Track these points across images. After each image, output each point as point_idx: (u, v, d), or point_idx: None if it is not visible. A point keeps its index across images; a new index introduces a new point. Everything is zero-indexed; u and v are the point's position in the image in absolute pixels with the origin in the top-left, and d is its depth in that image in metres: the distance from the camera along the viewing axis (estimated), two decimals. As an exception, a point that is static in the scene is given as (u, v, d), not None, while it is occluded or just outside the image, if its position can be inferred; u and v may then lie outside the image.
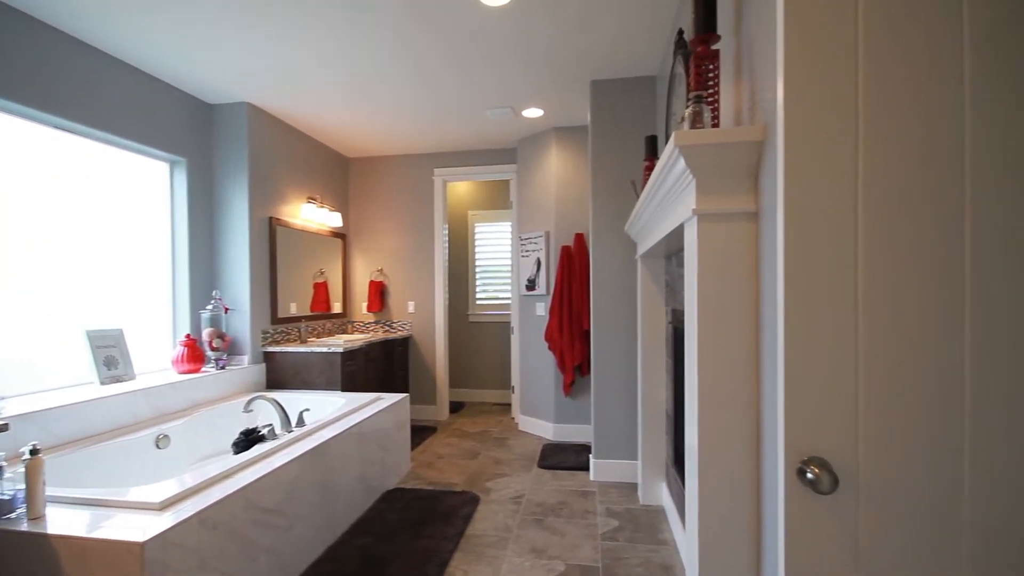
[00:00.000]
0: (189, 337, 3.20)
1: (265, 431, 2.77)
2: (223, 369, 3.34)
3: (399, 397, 3.43)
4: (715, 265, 1.34)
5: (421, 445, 4.10)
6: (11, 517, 1.61)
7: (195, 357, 3.18)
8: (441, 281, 4.85)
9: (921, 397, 0.88)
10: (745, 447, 1.32)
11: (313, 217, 4.25)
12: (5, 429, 1.78)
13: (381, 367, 4.29)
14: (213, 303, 3.37)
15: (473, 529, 2.64)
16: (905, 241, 0.88)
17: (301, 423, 2.89)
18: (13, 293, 2.44)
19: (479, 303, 5.71)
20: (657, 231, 2.11)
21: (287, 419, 2.77)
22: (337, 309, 4.76)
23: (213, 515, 1.72)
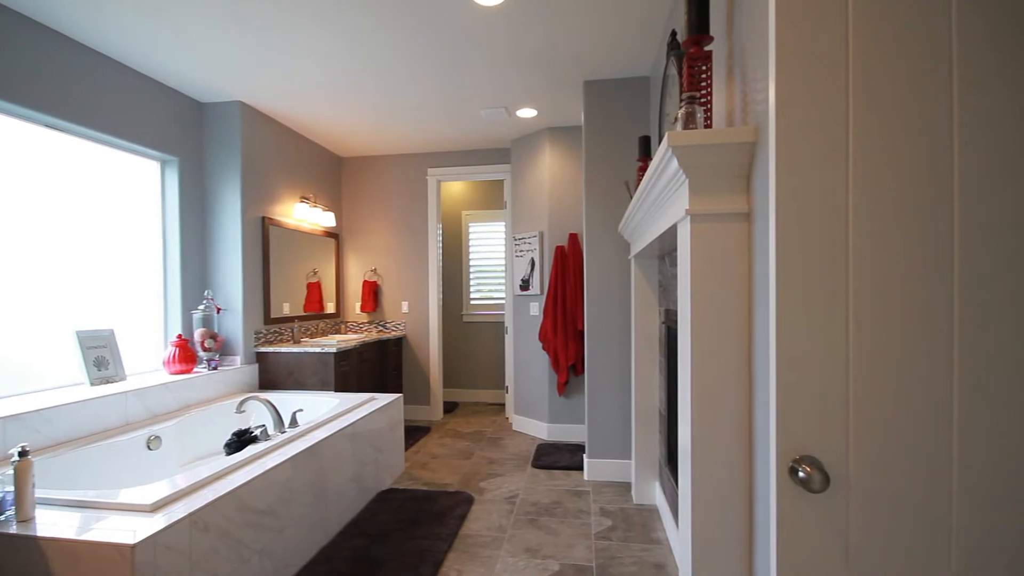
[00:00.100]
0: (181, 337, 3.18)
1: (258, 432, 2.76)
2: (215, 370, 3.32)
3: (393, 397, 3.43)
4: (708, 265, 1.35)
5: (415, 445, 4.09)
6: (0, 520, 1.59)
7: (187, 358, 3.15)
8: (435, 281, 4.85)
9: (911, 397, 0.89)
10: (738, 446, 1.33)
11: (306, 217, 4.23)
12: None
13: (375, 367, 4.28)
14: (205, 303, 3.35)
15: (467, 529, 2.64)
16: (895, 242, 0.89)
17: (294, 424, 2.88)
18: (1, 293, 2.41)
19: (473, 303, 5.71)
20: (650, 231, 2.12)
21: (280, 420, 2.76)
22: (330, 309, 4.74)
23: (205, 517, 1.70)
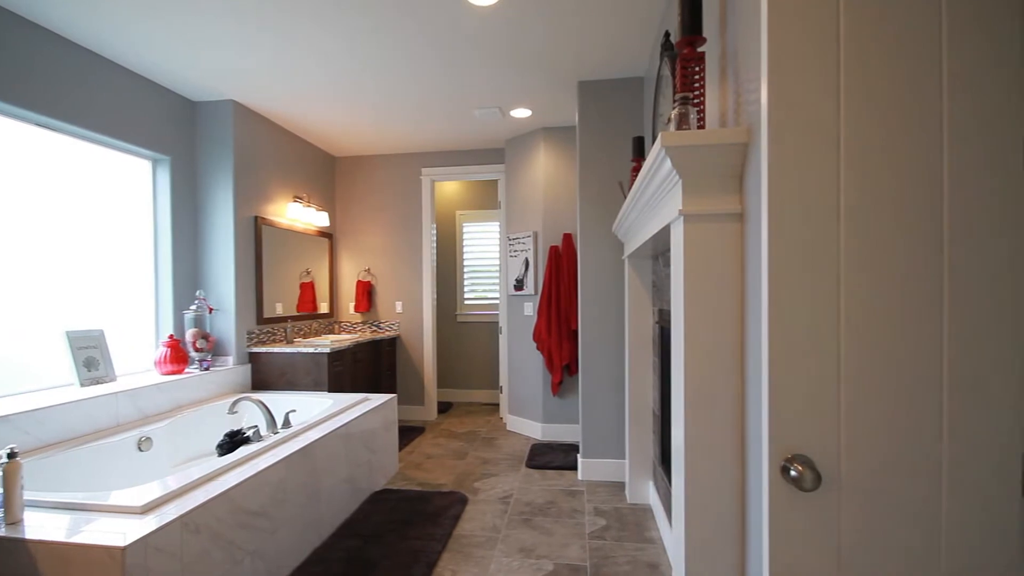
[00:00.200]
0: (172, 338, 3.16)
1: (250, 433, 2.74)
2: (207, 370, 3.30)
3: (387, 398, 3.42)
4: (701, 265, 1.35)
5: (409, 446, 4.08)
6: (-13, 522, 1.57)
7: (178, 358, 3.13)
8: (429, 281, 4.84)
9: (902, 396, 0.90)
10: (730, 445, 1.34)
11: (299, 216, 4.22)
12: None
13: (369, 368, 4.27)
14: (197, 303, 3.33)
15: (461, 529, 2.63)
16: (887, 242, 0.90)
17: (287, 424, 2.87)
18: (-11, 293, 2.38)
19: (467, 303, 5.70)
20: (644, 231, 2.12)
21: (273, 420, 2.74)
22: (324, 309, 4.72)
23: (196, 518, 1.69)
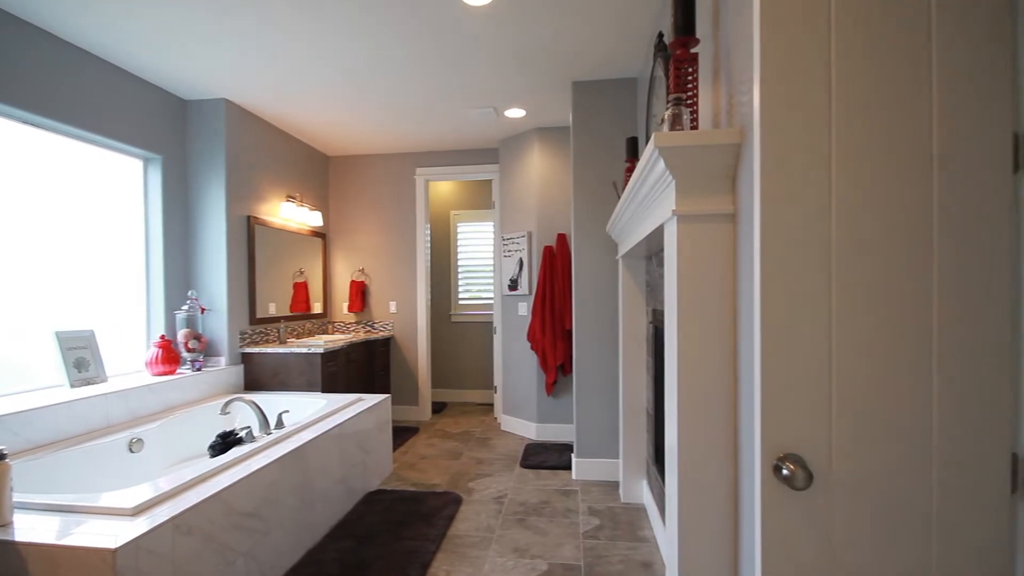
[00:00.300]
0: (164, 338, 3.13)
1: (243, 434, 2.72)
2: (199, 371, 3.28)
3: (381, 398, 3.41)
4: (694, 265, 1.36)
5: (403, 446, 4.07)
6: (-25, 525, 1.55)
7: (170, 359, 3.11)
8: (423, 281, 4.83)
9: (893, 395, 0.91)
10: (723, 445, 1.34)
11: (292, 216, 4.19)
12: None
13: (362, 368, 4.25)
14: (189, 303, 3.31)
15: (455, 530, 2.63)
16: (877, 243, 0.91)
17: (280, 425, 2.85)
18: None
19: (461, 303, 5.70)
20: (638, 232, 2.13)
21: (266, 421, 2.73)
22: (317, 309, 4.70)
23: (188, 520, 1.68)
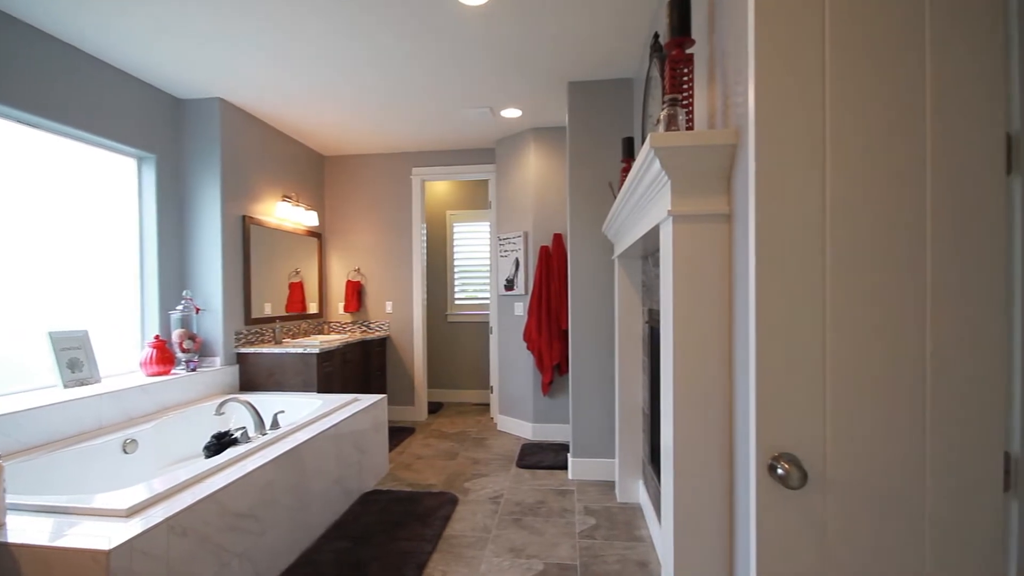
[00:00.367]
0: (158, 338, 3.12)
1: (238, 434, 2.72)
2: (194, 371, 3.26)
3: (377, 398, 3.40)
4: (690, 265, 1.36)
5: (399, 446, 4.07)
6: (-33, 527, 1.54)
7: (165, 359, 3.09)
8: (419, 281, 4.82)
9: (887, 395, 0.91)
10: (719, 444, 1.35)
11: (288, 216, 4.18)
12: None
13: (358, 368, 4.25)
14: (184, 303, 3.29)
15: (451, 530, 2.63)
16: (871, 243, 0.91)
17: (276, 426, 2.84)
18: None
19: (458, 303, 5.69)
20: (633, 232, 2.13)
21: (261, 422, 2.72)
22: (313, 309, 4.69)
23: (183, 521, 1.67)
